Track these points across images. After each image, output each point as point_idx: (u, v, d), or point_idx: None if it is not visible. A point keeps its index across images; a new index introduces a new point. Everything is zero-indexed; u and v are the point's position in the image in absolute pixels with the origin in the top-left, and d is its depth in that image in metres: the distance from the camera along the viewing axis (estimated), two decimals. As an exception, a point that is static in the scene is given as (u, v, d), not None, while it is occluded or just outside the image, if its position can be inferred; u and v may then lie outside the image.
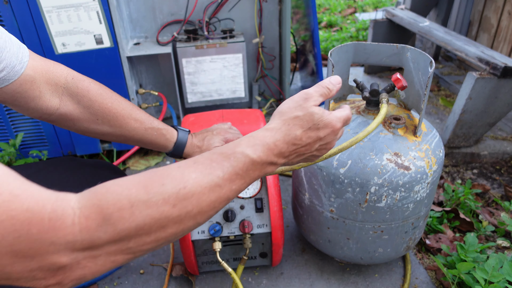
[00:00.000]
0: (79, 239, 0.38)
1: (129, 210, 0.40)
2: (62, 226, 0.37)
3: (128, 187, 0.42)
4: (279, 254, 1.08)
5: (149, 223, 0.41)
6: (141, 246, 0.42)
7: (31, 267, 0.37)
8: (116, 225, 0.40)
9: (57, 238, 0.37)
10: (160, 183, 0.43)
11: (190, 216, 0.44)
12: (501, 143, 1.75)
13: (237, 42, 1.57)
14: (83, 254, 0.39)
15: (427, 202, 0.99)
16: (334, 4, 4.31)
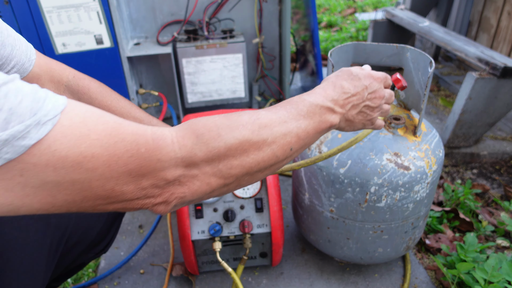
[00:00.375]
0: (179, 156, 0.42)
1: (216, 131, 0.45)
2: (164, 144, 0.41)
3: (213, 117, 0.47)
4: (279, 254, 1.08)
5: (234, 144, 0.46)
6: (230, 170, 0.46)
7: (142, 185, 0.41)
8: (207, 143, 0.44)
9: (162, 155, 0.41)
10: (238, 115, 0.49)
11: (266, 144, 0.49)
12: (500, 143, 1.75)
13: (237, 42, 1.57)
14: (184, 171, 0.43)
15: (426, 202, 0.99)
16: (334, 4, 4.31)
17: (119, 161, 0.38)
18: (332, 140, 0.97)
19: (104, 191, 0.39)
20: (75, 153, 0.36)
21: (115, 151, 0.38)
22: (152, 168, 0.40)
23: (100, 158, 0.37)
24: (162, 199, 0.43)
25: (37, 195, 0.36)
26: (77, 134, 0.36)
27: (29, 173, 0.35)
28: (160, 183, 0.42)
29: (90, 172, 0.37)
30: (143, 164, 0.40)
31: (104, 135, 0.38)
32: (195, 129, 0.45)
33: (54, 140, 0.35)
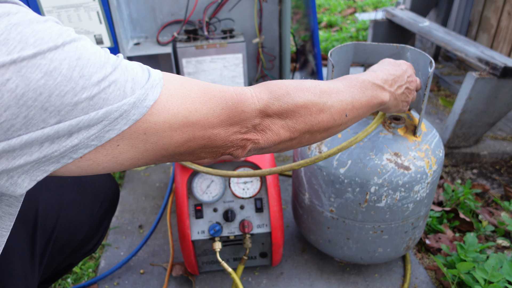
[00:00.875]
0: (258, 107, 0.50)
1: (286, 90, 0.53)
2: (246, 98, 0.49)
3: (283, 80, 0.55)
4: (279, 254, 1.08)
5: (299, 103, 0.53)
6: (295, 124, 0.54)
7: (230, 132, 0.48)
8: (279, 99, 0.52)
9: (245, 107, 0.48)
10: (302, 82, 0.56)
11: (326, 107, 0.56)
12: (500, 143, 1.75)
13: (237, 42, 1.57)
14: (261, 120, 0.51)
15: (427, 202, 0.99)
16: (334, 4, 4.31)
17: (214, 113, 0.46)
18: (332, 140, 0.97)
19: (203, 140, 0.46)
20: (183, 109, 0.43)
21: (210, 105, 0.46)
22: (238, 118, 0.48)
23: (201, 111, 0.45)
24: (242, 143, 0.51)
25: (154, 149, 0.43)
26: (181, 94, 0.44)
27: (150, 131, 0.41)
28: (242, 130, 0.50)
29: (195, 124, 0.44)
30: (231, 115, 0.47)
31: (200, 94, 0.45)
32: (269, 87, 0.53)
33: (166, 100, 0.42)
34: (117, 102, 0.38)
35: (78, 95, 0.35)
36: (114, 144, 0.40)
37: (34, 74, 0.33)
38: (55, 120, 0.35)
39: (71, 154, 0.38)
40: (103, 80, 0.37)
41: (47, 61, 0.33)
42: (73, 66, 0.35)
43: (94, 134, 0.37)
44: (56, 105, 0.34)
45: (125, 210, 1.47)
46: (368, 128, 0.81)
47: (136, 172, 1.68)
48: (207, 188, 1.02)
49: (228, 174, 0.88)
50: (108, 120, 0.37)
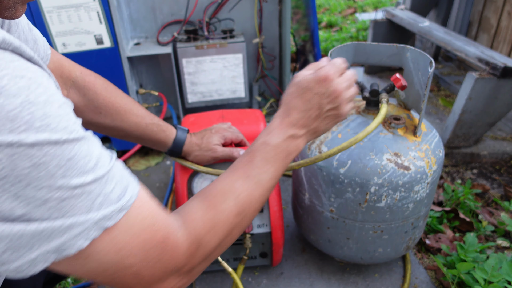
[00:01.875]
0: (184, 264, 0.47)
1: (213, 231, 0.50)
2: (179, 254, 0.47)
3: (204, 211, 0.51)
4: (279, 254, 1.08)
5: (224, 237, 0.52)
6: (217, 255, 0.53)
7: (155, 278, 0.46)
8: (206, 247, 0.50)
9: (170, 265, 0.46)
10: (221, 200, 0.53)
11: (248, 217, 0.55)
12: (500, 143, 1.75)
13: (237, 42, 1.57)
14: (182, 280, 0.49)
15: (427, 202, 0.99)
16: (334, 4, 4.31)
17: (147, 264, 0.44)
18: (332, 140, 0.97)
19: (132, 279, 0.44)
20: (127, 247, 0.42)
21: (148, 256, 0.44)
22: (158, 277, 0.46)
23: (137, 257, 0.43)
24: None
25: (88, 273, 0.42)
26: (134, 231, 0.42)
27: (92, 258, 0.40)
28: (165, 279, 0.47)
29: (129, 267, 0.43)
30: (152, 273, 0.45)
31: (147, 238, 0.44)
32: (197, 234, 0.49)
33: (121, 230, 0.41)
34: (83, 213, 0.38)
35: (51, 193, 0.35)
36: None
37: (23, 162, 0.33)
38: (21, 211, 0.34)
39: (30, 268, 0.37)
40: (79, 187, 0.37)
41: (41, 153, 0.34)
42: (61, 165, 0.35)
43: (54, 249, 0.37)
44: (29, 197, 0.34)
45: (125, 210, 1.47)
46: (368, 128, 0.81)
47: (136, 172, 1.68)
48: (207, 188, 1.02)
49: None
50: (71, 235, 0.37)
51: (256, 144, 0.60)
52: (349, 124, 0.98)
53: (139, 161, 1.74)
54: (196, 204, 0.53)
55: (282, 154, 0.59)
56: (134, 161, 1.73)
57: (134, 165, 1.71)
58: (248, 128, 1.11)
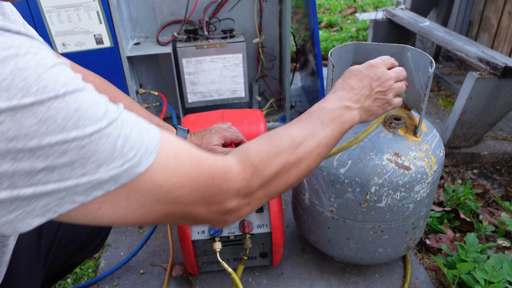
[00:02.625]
0: (242, 187, 0.50)
1: (267, 159, 0.53)
2: (232, 177, 0.48)
3: (261, 145, 0.54)
4: (279, 254, 1.08)
5: (279, 168, 0.54)
6: (276, 189, 0.55)
7: (211, 210, 0.48)
8: (262, 172, 0.52)
9: (229, 187, 0.48)
10: (278, 139, 0.56)
11: (303, 160, 0.57)
12: (501, 143, 1.75)
13: (237, 42, 1.57)
14: (241, 201, 0.51)
15: (427, 202, 0.99)
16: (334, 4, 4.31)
17: (199, 191, 0.45)
18: (332, 140, 0.96)
19: (182, 213, 0.46)
20: (169, 183, 0.43)
21: (197, 183, 0.45)
22: (220, 198, 0.48)
23: (185, 188, 0.44)
24: (223, 219, 0.51)
25: (133, 216, 0.43)
26: (171, 167, 0.43)
27: (133, 198, 0.41)
28: (223, 211, 0.49)
29: (177, 198, 0.44)
30: (214, 193, 0.47)
31: (190, 169, 0.45)
32: (252, 160, 0.52)
33: (155, 171, 0.41)
34: (105, 157, 0.37)
35: (67, 144, 0.35)
36: (96, 206, 0.39)
37: (28, 120, 0.33)
38: (43, 165, 0.34)
39: (56, 208, 0.37)
40: (97, 132, 0.37)
41: (44, 108, 0.34)
42: (69, 116, 0.35)
43: (80, 192, 0.37)
44: (45, 151, 0.34)
45: (125, 210, 1.47)
46: (369, 128, 0.80)
47: (136, 172, 1.68)
48: (207, 188, 1.02)
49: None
50: (95, 182, 0.37)
51: (312, 108, 0.64)
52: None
53: (139, 161, 1.73)
54: (251, 142, 0.56)
55: (337, 120, 0.63)
56: (134, 161, 1.73)
57: (134, 165, 1.71)
58: (248, 128, 1.11)
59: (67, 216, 0.39)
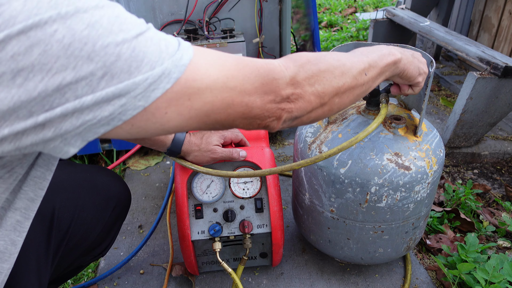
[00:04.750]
0: (287, 75, 0.52)
1: (307, 58, 0.55)
2: (274, 67, 0.51)
3: (301, 52, 0.58)
4: (279, 254, 1.08)
5: (322, 68, 0.56)
6: (324, 89, 0.56)
7: (267, 100, 0.50)
8: (303, 66, 0.54)
9: (276, 74, 0.50)
10: (320, 53, 0.59)
11: (347, 68, 0.59)
12: (501, 143, 1.75)
13: (237, 42, 1.57)
14: (293, 89, 0.53)
15: (427, 202, 0.99)
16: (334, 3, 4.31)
17: (249, 80, 0.48)
18: (332, 140, 0.96)
19: (241, 107, 0.48)
20: (222, 75, 0.46)
21: (245, 72, 0.48)
22: (271, 86, 0.50)
23: (237, 78, 0.47)
24: (277, 113, 0.53)
25: (198, 116, 0.45)
26: (218, 63, 0.46)
27: (194, 96, 0.44)
28: (277, 99, 0.51)
29: (232, 90, 0.47)
30: (264, 82, 0.49)
31: (235, 63, 0.48)
32: (291, 57, 0.55)
33: (207, 68, 0.44)
34: (155, 57, 0.40)
35: (119, 46, 0.37)
36: (163, 111, 0.42)
37: (78, 25, 0.35)
38: (101, 72, 0.36)
39: (120, 116, 0.40)
40: (140, 35, 0.40)
41: (88, 15, 0.36)
42: (112, 21, 0.38)
43: (140, 94, 0.39)
44: (101, 55, 0.36)
45: (125, 210, 1.47)
46: (369, 128, 0.80)
47: (136, 172, 1.68)
48: (207, 188, 1.02)
49: (228, 175, 0.87)
50: (152, 79, 0.39)
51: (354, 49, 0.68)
52: (349, 124, 0.98)
53: (139, 161, 1.73)
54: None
55: (377, 52, 0.66)
56: (134, 161, 1.73)
57: (134, 165, 1.71)
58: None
59: (136, 125, 0.41)
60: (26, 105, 0.35)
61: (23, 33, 0.33)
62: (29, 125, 0.36)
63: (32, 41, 0.34)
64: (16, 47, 0.33)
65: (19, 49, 0.34)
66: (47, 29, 0.34)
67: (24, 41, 0.34)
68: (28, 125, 0.36)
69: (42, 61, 0.34)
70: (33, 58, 0.34)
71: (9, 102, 0.34)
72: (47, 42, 0.34)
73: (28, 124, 0.36)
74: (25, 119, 0.36)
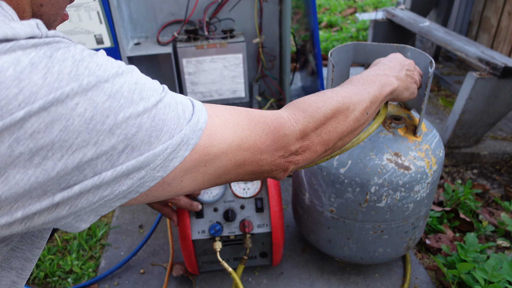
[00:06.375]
0: (297, 129, 0.52)
1: (315, 105, 0.55)
2: (284, 121, 0.51)
3: (307, 96, 0.58)
4: (279, 254, 1.08)
5: (329, 114, 0.56)
6: (329, 136, 0.56)
7: (277, 155, 0.50)
8: (312, 115, 0.54)
9: (286, 130, 0.51)
10: (323, 94, 0.59)
11: (350, 110, 0.59)
12: (501, 143, 1.75)
13: (237, 42, 1.57)
14: (301, 143, 0.53)
15: (427, 202, 0.99)
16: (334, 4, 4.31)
17: (261, 138, 0.48)
18: (332, 140, 0.97)
19: (252, 166, 0.49)
20: (237, 138, 0.46)
21: (257, 131, 0.48)
22: (281, 142, 0.50)
23: (250, 138, 0.47)
24: (285, 166, 0.53)
25: (210, 179, 0.46)
26: (232, 124, 0.46)
27: (210, 162, 0.44)
28: (286, 154, 0.52)
29: (246, 151, 0.47)
30: (274, 139, 0.49)
31: (247, 121, 0.48)
32: (299, 106, 0.55)
33: (222, 131, 0.44)
34: (174, 124, 0.39)
35: (140, 116, 0.36)
36: (179, 180, 0.42)
37: (99, 97, 0.34)
38: (122, 145, 0.35)
39: (137, 189, 0.39)
40: (160, 101, 0.39)
41: (109, 84, 0.35)
42: (132, 89, 0.37)
43: (160, 165, 0.38)
44: (123, 128, 0.35)
45: (125, 210, 1.47)
46: (369, 128, 0.81)
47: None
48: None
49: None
50: (171, 148, 0.39)
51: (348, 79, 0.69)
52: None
53: (139, 161, 1.74)
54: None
55: (377, 82, 0.67)
56: (134, 161, 1.73)
57: (134, 165, 1.71)
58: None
59: (150, 196, 0.41)
60: (42, 186, 0.33)
61: (44, 109, 0.31)
62: (44, 206, 0.34)
63: (53, 117, 0.32)
64: (36, 124, 0.31)
65: (39, 126, 0.31)
66: (68, 103, 0.32)
67: (45, 117, 0.31)
68: (43, 206, 0.34)
69: (63, 137, 0.32)
70: (54, 135, 0.32)
71: (25, 185, 0.32)
72: (68, 117, 0.32)
73: (44, 205, 0.34)
74: (39, 200, 0.33)
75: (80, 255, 1.29)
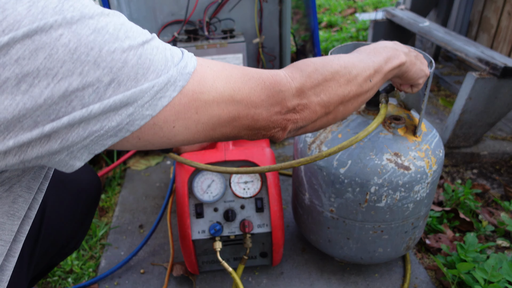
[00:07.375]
0: (293, 86, 0.51)
1: (314, 67, 0.55)
2: (280, 78, 0.51)
3: (308, 59, 0.57)
4: (279, 254, 1.09)
5: (328, 76, 0.55)
6: (330, 98, 0.55)
7: (273, 111, 0.50)
8: (310, 75, 0.53)
9: (282, 86, 0.50)
10: (326, 58, 0.58)
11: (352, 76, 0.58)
12: (501, 143, 1.75)
13: (237, 42, 1.57)
14: (298, 100, 0.52)
15: (427, 202, 0.99)
16: (334, 4, 4.31)
17: (255, 92, 0.48)
18: (332, 139, 0.97)
19: (247, 120, 0.48)
20: (228, 88, 0.46)
21: (251, 85, 0.48)
22: (277, 98, 0.50)
23: (243, 90, 0.47)
24: (283, 124, 0.53)
25: (204, 130, 0.46)
26: (225, 75, 0.46)
27: (201, 109, 0.44)
28: (283, 110, 0.51)
29: (239, 103, 0.47)
30: (270, 94, 0.49)
31: (240, 75, 0.48)
32: (297, 66, 0.55)
33: (213, 80, 0.45)
34: (161, 65, 0.40)
35: (126, 52, 0.37)
36: (171, 125, 0.42)
37: (84, 30, 0.35)
38: (108, 78, 0.36)
39: (128, 127, 0.39)
40: (146, 43, 0.40)
41: (94, 21, 0.36)
42: (118, 28, 0.38)
43: (148, 102, 0.39)
44: (108, 61, 0.36)
45: (126, 210, 1.47)
46: (369, 127, 0.81)
47: (137, 172, 1.68)
48: (208, 187, 1.02)
49: (227, 171, 0.88)
50: (158, 86, 0.39)
51: (359, 48, 0.68)
52: (349, 124, 0.98)
53: (139, 161, 1.74)
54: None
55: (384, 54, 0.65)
56: (134, 161, 1.73)
57: (134, 165, 1.71)
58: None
59: (143, 139, 0.41)
60: (32, 114, 0.34)
61: (28, 37, 0.33)
62: (35, 136, 0.35)
63: (37, 45, 0.33)
64: (21, 51, 0.32)
65: (24, 53, 0.33)
66: (52, 33, 0.33)
67: (29, 44, 0.33)
68: (34, 136, 0.35)
69: (48, 65, 0.33)
70: (38, 63, 0.33)
71: (14, 110, 0.33)
72: (52, 46, 0.33)
73: (34, 135, 0.35)
74: (30, 130, 0.34)
75: (80, 255, 1.29)
